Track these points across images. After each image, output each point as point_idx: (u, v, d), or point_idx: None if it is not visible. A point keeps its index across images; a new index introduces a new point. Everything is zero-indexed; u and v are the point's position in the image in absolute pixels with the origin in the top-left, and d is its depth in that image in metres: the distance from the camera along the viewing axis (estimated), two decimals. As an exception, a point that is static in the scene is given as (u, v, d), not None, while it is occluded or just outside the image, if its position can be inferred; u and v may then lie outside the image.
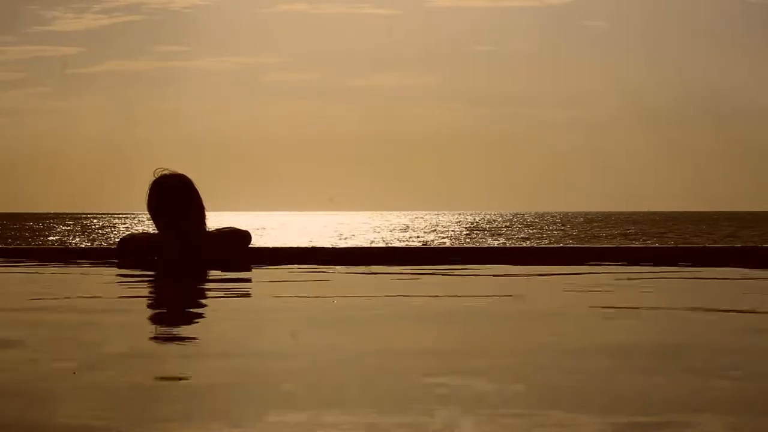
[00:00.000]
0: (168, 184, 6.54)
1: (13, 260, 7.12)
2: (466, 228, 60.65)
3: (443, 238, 43.79)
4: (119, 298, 4.85)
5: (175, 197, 6.52)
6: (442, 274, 6.04)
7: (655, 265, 6.63)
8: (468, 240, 40.96)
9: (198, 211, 6.57)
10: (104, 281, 5.85)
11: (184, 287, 5.48)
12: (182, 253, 6.51)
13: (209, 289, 5.32)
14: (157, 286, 5.57)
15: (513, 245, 33.33)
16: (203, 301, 4.77)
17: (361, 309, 4.23)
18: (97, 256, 7.18)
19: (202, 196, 6.61)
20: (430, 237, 45.82)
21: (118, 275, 6.16)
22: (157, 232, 6.61)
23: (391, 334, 3.41)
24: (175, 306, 4.51)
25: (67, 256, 7.41)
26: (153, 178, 6.55)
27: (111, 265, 6.63)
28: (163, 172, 6.57)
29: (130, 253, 6.63)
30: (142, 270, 6.26)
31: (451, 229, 59.35)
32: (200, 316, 4.13)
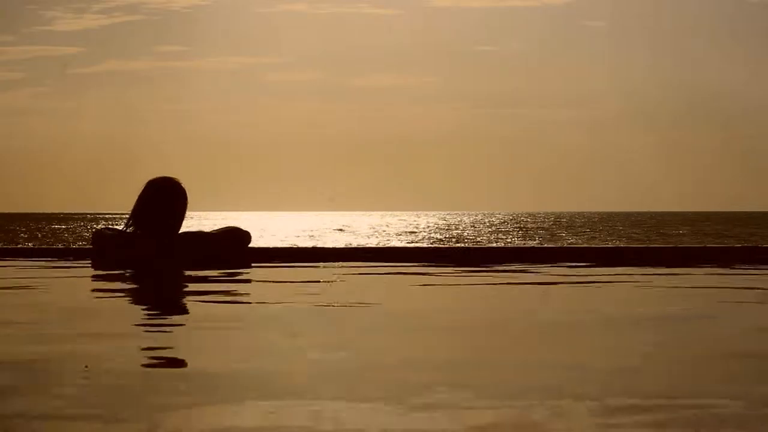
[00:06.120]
0: (167, 190, 6.60)
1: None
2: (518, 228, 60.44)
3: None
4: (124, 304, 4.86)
5: (167, 202, 6.58)
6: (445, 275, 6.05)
7: None
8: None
9: (179, 215, 6.62)
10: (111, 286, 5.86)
11: (184, 287, 5.50)
12: (161, 254, 6.55)
13: (212, 289, 5.34)
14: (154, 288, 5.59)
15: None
16: (207, 300, 4.78)
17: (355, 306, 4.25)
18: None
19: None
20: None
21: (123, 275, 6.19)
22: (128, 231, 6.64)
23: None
24: (176, 306, 4.53)
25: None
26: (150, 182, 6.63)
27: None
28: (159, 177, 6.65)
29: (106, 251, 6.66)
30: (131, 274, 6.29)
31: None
32: (200, 315, 4.15)
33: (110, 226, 7.03)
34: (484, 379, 2.42)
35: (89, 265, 6.69)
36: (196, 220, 66.74)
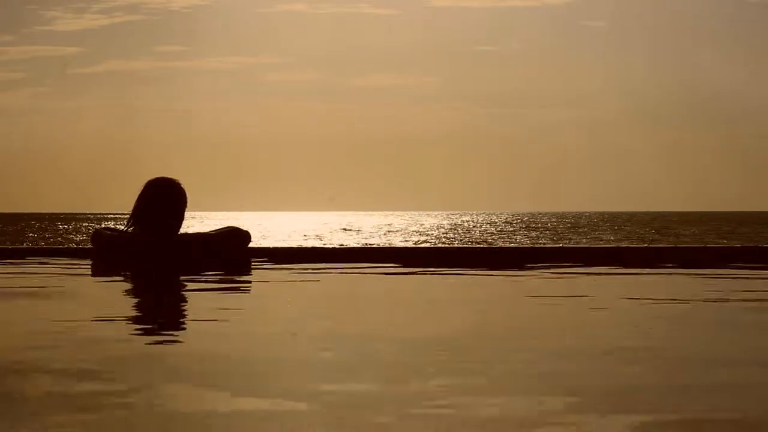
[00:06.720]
0: (167, 190, 6.61)
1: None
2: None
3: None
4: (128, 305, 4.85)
5: (167, 202, 6.59)
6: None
7: None
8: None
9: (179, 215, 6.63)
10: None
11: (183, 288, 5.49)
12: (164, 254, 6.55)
13: (217, 288, 5.34)
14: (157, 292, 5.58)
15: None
16: (213, 300, 4.77)
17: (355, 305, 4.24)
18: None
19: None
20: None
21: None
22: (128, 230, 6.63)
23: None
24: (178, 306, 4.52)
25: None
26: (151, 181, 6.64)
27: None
28: (160, 177, 6.66)
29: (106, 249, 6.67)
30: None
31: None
32: (203, 315, 4.14)
33: (110, 226, 7.04)
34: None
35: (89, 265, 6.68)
36: (197, 220, 66.72)
